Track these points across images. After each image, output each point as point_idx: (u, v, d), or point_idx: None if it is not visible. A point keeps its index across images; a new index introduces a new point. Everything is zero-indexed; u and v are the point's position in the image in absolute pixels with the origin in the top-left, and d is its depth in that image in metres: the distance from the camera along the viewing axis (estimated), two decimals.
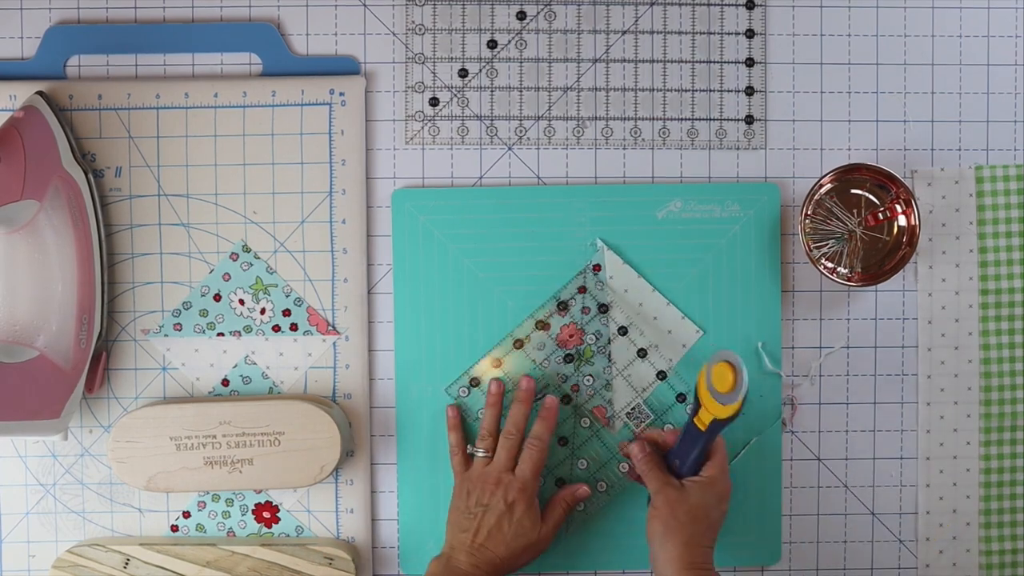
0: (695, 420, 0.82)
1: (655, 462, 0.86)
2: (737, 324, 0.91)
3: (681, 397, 0.91)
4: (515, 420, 0.87)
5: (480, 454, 0.87)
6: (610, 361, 0.90)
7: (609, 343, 0.90)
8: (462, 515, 0.86)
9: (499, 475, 0.86)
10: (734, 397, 0.78)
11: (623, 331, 0.90)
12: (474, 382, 0.91)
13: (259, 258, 0.90)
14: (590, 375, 0.90)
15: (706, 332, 0.91)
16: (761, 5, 0.92)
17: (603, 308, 0.90)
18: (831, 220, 0.90)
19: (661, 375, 0.90)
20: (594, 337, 0.90)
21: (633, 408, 0.91)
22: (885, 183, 0.90)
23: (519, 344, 0.90)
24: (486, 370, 0.90)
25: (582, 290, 0.91)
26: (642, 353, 0.90)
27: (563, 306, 0.90)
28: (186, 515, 0.91)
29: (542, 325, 0.90)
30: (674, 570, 0.81)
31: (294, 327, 0.90)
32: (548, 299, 0.90)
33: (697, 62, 0.92)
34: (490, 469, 0.86)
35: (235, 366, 0.90)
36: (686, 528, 0.81)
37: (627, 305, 0.90)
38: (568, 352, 0.90)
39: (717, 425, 0.81)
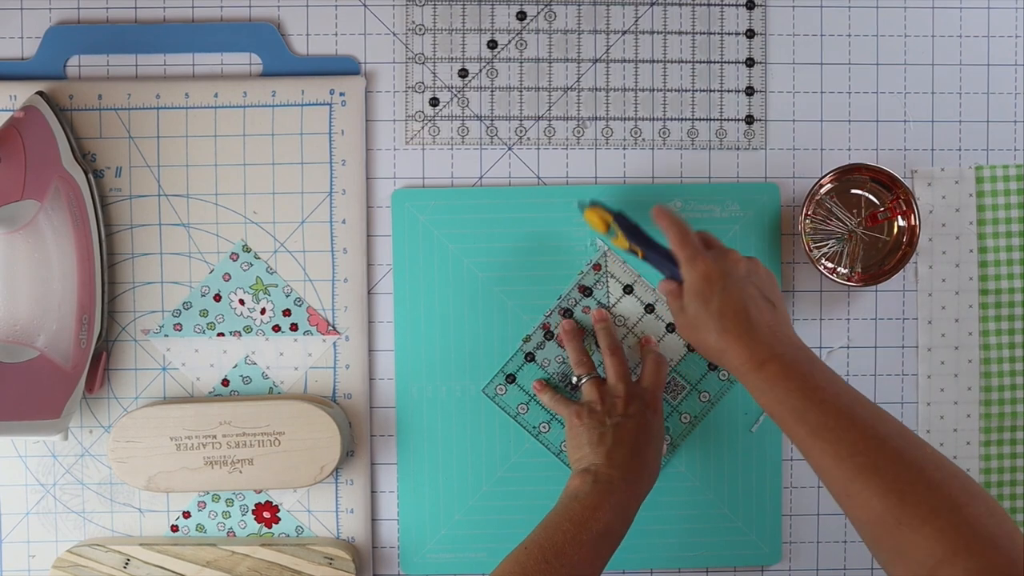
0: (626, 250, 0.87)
1: (668, 289, 0.83)
2: None
3: (713, 365, 0.91)
4: (613, 340, 0.88)
5: (585, 378, 0.86)
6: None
7: (639, 323, 0.91)
8: (595, 432, 0.82)
9: (628, 387, 0.84)
10: (612, 232, 0.85)
11: (650, 309, 0.91)
12: (510, 379, 0.91)
13: (259, 258, 0.90)
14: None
15: None
16: (761, 5, 0.92)
17: (628, 289, 0.90)
18: (831, 220, 0.90)
19: (692, 346, 0.91)
20: (622, 319, 0.91)
21: (668, 381, 0.91)
22: (885, 183, 0.90)
23: (531, 357, 0.91)
24: (520, 365, 0.91)
25: (582, 289, 0.91)
26: (671, 327, 0.91)
27: (567, 313, 0.91)
28: (186, 515, 0.91)
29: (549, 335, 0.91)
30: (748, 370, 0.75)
31: (294, 327, 0.90)
32: (554, 307, 0.91)
33: (697, 62, 0.92)
34: (614, 385, 0.85)
35: (235, 366, 0.90)
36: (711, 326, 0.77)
37: (647, 283, 0.91)
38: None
39: (632, 245, 0.85)
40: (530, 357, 0.91)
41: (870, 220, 0.90)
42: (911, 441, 0.68)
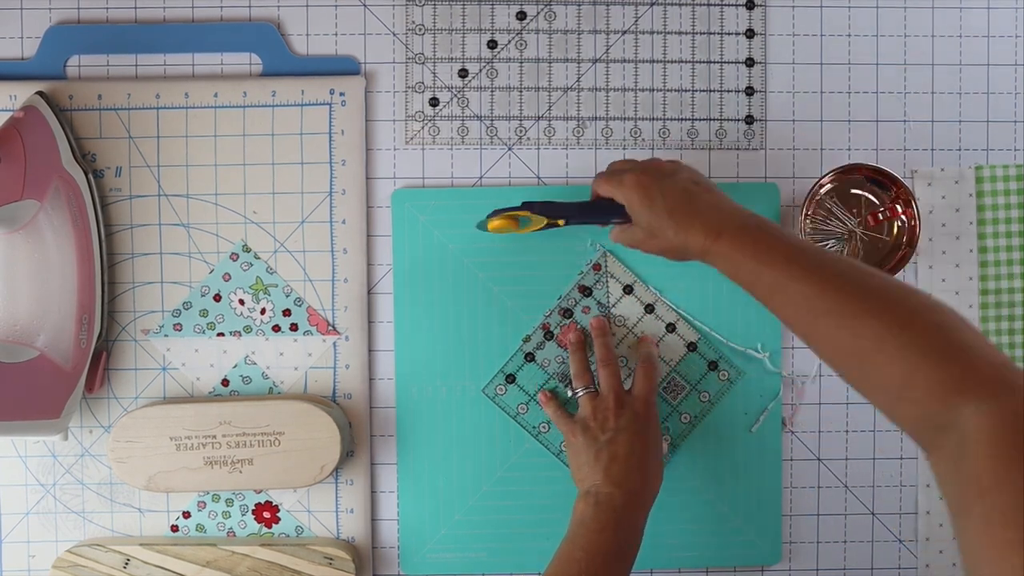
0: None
1: (619, 230, 0.83)
2: (737, 324, 0.91)
3: (713, 365, 0.91)
4: (608, 350, 0.87)
5: (582, 391, 0.86)
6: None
7: (639, 323, 0.91)
8: (591, 450, 0.82)
9: (618, 398, 0.84)
10: (525, 222, 0.85)
11: (649, 309, 0.91)
12: (510, 379, 0.91)
13: (259, 258, 0.90)
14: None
15: (706, 333, 0.91)
16: (761, 5, 0.92)
17: (628, 289, 0.90)
18: (831, 220, 0.90)
19: (691, 346, 0.91)
20: (622, 319, 0.91)
21: (668, 381, 0.91)
22: (885, 183, 0.90)
23: (530, 357, 0.91)
24: (520, 365, 0.91)
25: (582, 289, 0.91)
26: (671, 328, 0.91)
27: (567, 312, 0.91)
28: (186, 515, 0.91)
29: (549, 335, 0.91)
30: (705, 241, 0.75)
31: (294, 327, 0.90)
32: (553, 307, 0.91)
33: (697, 62, 0.92)
34: (604, 397, 0.85)
35: (235, 366, 0.90)
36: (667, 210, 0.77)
37: (645, 283, 0.91)
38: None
39: (552, 220, 0.85)
40: (530, 357, 0.91)
41: (870, 220, 0.90)
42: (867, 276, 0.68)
